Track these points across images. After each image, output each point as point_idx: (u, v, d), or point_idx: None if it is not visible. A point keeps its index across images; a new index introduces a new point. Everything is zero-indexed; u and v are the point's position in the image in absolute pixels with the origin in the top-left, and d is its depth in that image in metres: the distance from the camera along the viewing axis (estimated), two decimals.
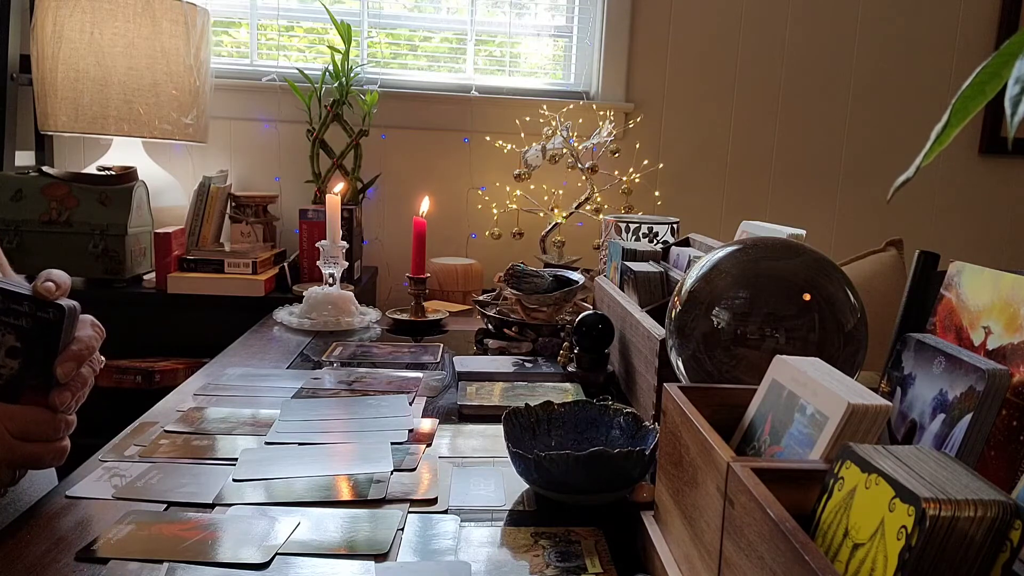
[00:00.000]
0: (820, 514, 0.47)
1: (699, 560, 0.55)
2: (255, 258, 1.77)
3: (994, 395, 0.55)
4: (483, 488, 0.80)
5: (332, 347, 1.31)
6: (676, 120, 2.30)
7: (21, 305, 0.66)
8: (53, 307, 0.66)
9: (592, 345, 1.15)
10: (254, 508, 0.73)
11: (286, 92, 2.11)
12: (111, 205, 1.71)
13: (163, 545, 0.65)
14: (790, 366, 0.59)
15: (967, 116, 0.42)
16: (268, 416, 0.97)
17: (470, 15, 2.26)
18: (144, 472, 0.80)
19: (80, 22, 1.72)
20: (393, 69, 2.28)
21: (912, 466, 0.43)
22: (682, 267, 1.22)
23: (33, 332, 0.66)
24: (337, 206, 1.50)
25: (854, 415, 0.51)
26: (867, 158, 2.36)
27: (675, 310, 0.83)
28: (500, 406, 1.01)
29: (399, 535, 0.69)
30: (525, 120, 2.18)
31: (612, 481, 0.75)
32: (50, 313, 0.66)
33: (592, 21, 2.28)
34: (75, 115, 1.75)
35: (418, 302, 1.53)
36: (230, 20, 2.24)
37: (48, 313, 0.66)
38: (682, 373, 0.83)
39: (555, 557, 0.67)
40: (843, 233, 2.38)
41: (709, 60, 2.29)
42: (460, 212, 2.27)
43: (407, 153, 2.24)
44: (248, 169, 2.22)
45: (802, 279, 0.76)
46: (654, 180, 2.25)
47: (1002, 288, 0.61)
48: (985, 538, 0.38)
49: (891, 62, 2.32)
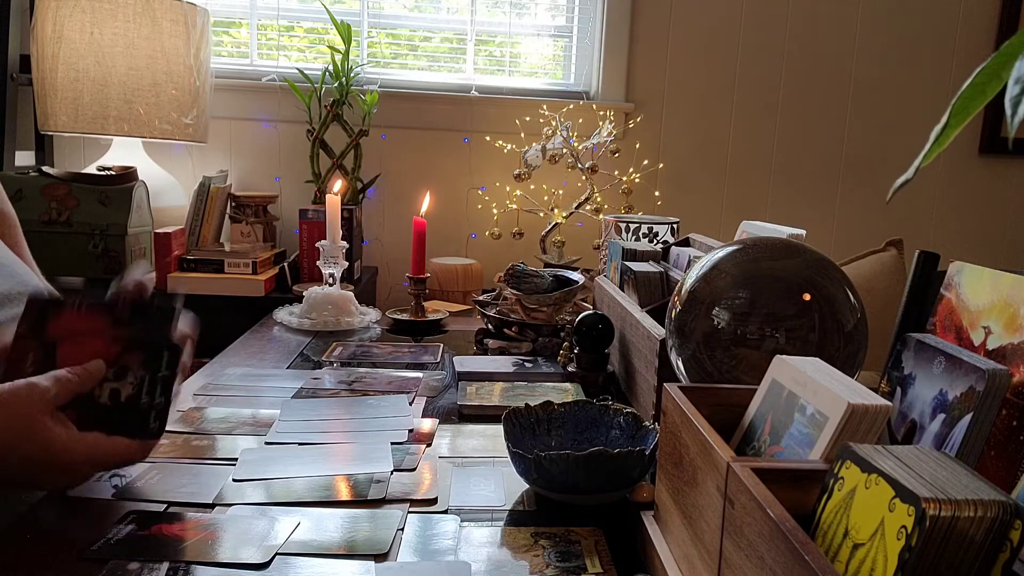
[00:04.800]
0: (820, 514, 0.47)
1: (699, 560, 0.55)
2: (255, 258, 1.77)
3: (994, 395, 0.55)
4: (483, 488, 0.80)
5: (332, 347, 1.31)
6: (676, 120, 2.30)
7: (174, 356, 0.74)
8: (176, 351, 0.74)
9: (592, 345, 1.15)
10: (254, 508, 0.73)
11: (286, 92, 2.11)
12: (111, 205, 1.71)
13: (163, 545, 0.65)
14: (790, 366, 0.59)
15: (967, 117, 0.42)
16: (268, 416, 0.97)
17: (470, 15, 2.26)
18: (144, 472, 0.79)
19: (80, 22, 1.72)
20: (393, 69, 2.28)
21: (912, 466, 0.43)
22: (682, 267, 1.22)
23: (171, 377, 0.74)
24: (337, 206, 1.50)
25: (854, 415, 0.51)
26: (867, 158, 2.36)
27: (675, 310, 0.83)
28: (500, 406, 1.01)
29: (399, 535, 0.69)
30: (525, 120, 2.18)
31: (612, 481, 0.75)
32: (177, 361, 0.74)
33: (592, 21, 2.28)
34: (75, 115, 1.75)
35: (418, 302, 1.53)
36: (230, 20, 2.24)
37: (177, 360, 0.74)
38: (682, 373, 0.83)
39: (555, 557, 0.67)
40: (843, 233, 2.38)
41: (709, 60, 2.29)
42: (460, 212, 2.27)
43: (407, 153, 2.24)
44: (248, 169, 2.22)
45: (802, 279, 0.76)
46: (654, 180, 2.25)
47: (1002, 288, 0.61)
48: (985, 538, 0.38)
49: (891, 62, 2.32)
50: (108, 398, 0.71)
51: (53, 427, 0.65)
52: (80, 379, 0.69)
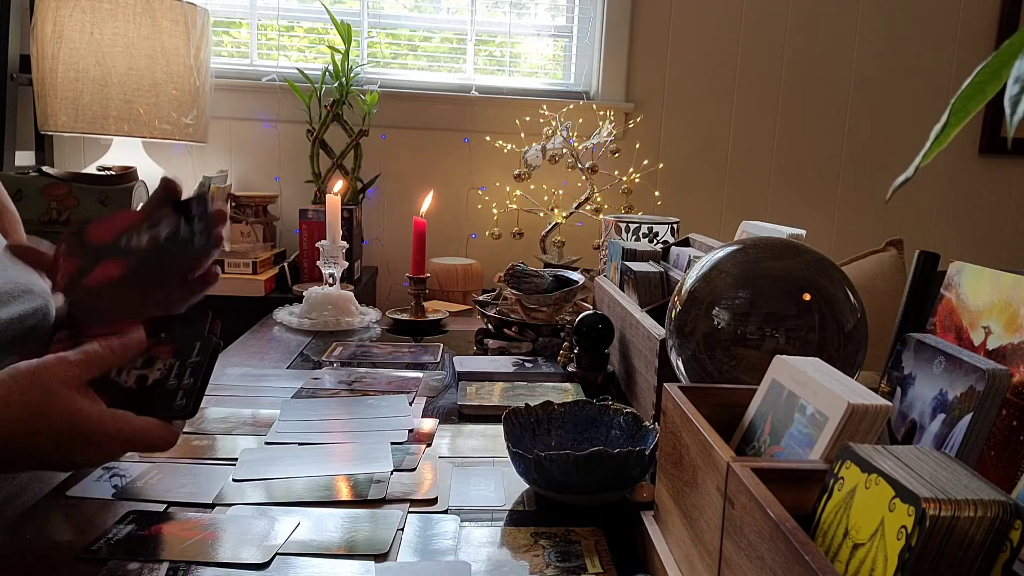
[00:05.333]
0: (820, 514, 0.47)
1: (699, 560, 0.55)
2: (255, 258, 1.77)
3: (994, 395, 0.55)
4: (483, 488, 0.80)
5: (332, 347, 1.31)
6: (676, 120, 2.30)
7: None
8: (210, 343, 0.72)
9: (592, 345, 1.15)
10: (254, 508, 0.73)
11: (286, 92, 2.11)
12: (111, 205, 1.71)
13: (163, 545, 0.65)
14: (790, 366, 0.59)
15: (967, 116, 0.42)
16: (268, 416, 0.97)
17: (470, 15, 2.26)
18: (144, 472, 0.80)
19: (80, 22, 1.72)
20: (393, 69, 2.28)
21: (912, 466, 0.43)
22: (682, 267, 1.22)
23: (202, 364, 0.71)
24: (337, 206, 1.50)
25: (854, 415, 0.51)
26: (867, 158, 2.36)
27: (675, 310, 0.83)
28: (500, 406, 1.01)
29: (399, 535, 0.69)
30: (525, 120, 2.18)
31: (612, 481, 0.75)
32: (211, 351, 0.72)
33: (592, 21, 2.28)
34: (75, 115, 1.75)
35: (418, 302, 1.53)
36: (230, 20, 2.24)
37: (211, 351, 0.72)
38: (682, 373, 0.83)
39: (555, 557, 0.67)
40: (843, 233, 2.38)
41: (709, 60, 2.29)
42: (460, 212, 2.27)
43: (407, 153, 2.24)
44: (248, 169, 2.22)
45: (802, 279, 0.76)
46: (654, 180, 2.25)
47: (1002, 288, 0.61)
48: (985, 538, 0.38)
49: (891, 62, 2.32)
50: (135, 383, 0.69)
51: (80, 400, 0.63)
52: (113, 353, 0.66)
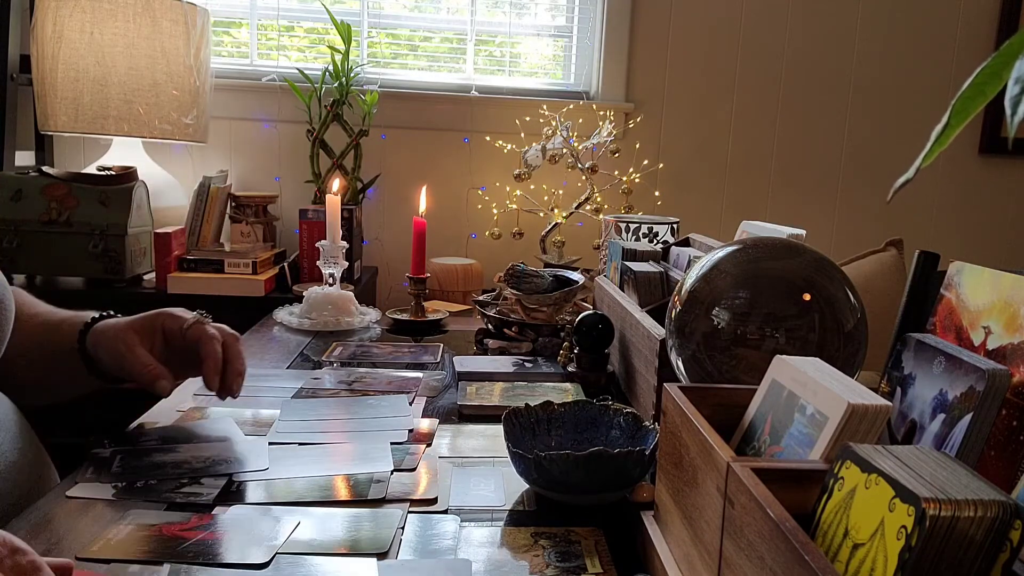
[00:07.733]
0: (820, 514, 0.47)
1: (699, 560, 0.55)
2: (255, 258, 1.77)
3: (994, 395, 0.55)
4: (483, 488, 0.80)
5: (332, 347, 1.31)
6: (676, 120, 2.30)
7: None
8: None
9: (592, 345, 1.15)
10: (254, 508, 0.73)
11: (286, 92, 2.11)
12: (111, 205, 1.71)
13: (163, 545, 0.65)
14: (790, 366, 0.59)
15: (967, 117, 0.42)
16: (268, 416, 0.97)
17: (470, 15, 2.26)
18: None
19: (80, 22, 1.72)
20: (393, 69, 2.28)
21: (912, 466, 0.43)
22: (682, 267, 1.22)
23: None
24: (337, 206, 1.50)
25: (854, 415, 0.51)
26: (867, 158, 2.36)
27: (675, 310, 0.83)
28: (500, 406, 1.01)
29: (399, 535, 0.69)
30: (525, 120, 2.18)
31: (612, 481, 0.75)
32: None
33: (592, 21, 2.28)
34: (75, 115, 1.75)
35: (418, 302, 1.53)
36: (230, 20, 2.24)
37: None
38: (682, 373, 0.83)
39: (555, 557, 0.67)
40: (843, 233, 2.38)
41: (709, 60, 2.28)
42: (460, 212, 2.27)
43: (407, 153, 2.24)
44: (248, 169, 2.22)
45: (802, 279, 0.76)
46: (654, 180, 2.25)
47: (1002, 288, 0.61)
48: (985, 538, 0.38)
49: (891, 62, 2.32)
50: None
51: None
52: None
